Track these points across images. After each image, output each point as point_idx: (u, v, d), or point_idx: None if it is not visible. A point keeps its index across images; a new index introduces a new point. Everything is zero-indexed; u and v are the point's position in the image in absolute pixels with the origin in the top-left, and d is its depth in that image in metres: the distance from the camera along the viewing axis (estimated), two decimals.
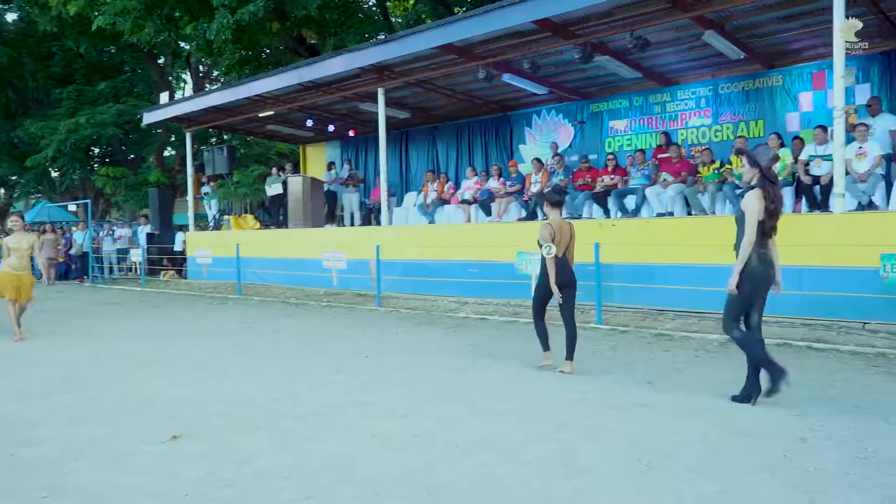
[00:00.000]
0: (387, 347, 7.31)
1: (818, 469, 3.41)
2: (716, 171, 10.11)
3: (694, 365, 6.06)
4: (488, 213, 12.63)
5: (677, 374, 5.54)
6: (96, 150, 28.20)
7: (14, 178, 31.46)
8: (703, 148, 10.74)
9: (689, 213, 9.98)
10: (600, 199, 11.15)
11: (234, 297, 12.99)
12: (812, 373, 5.64)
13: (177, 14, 14.97)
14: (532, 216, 11.85)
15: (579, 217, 11.09)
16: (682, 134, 12.00)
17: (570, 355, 5.81)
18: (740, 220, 4.61)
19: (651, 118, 12.43)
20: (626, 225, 9.60)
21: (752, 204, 4.46)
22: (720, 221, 8.18)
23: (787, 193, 9.26)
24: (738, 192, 8.80)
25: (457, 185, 13.89)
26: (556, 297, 5.73)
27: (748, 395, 4.59)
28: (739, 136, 10.43)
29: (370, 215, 15.43)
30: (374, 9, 17.83)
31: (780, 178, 9.15)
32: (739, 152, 7.62)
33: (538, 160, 12.36)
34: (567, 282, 5.76)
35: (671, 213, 10.11)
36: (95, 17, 14.95)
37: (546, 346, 6.04)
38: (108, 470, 3.65)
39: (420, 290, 11.17)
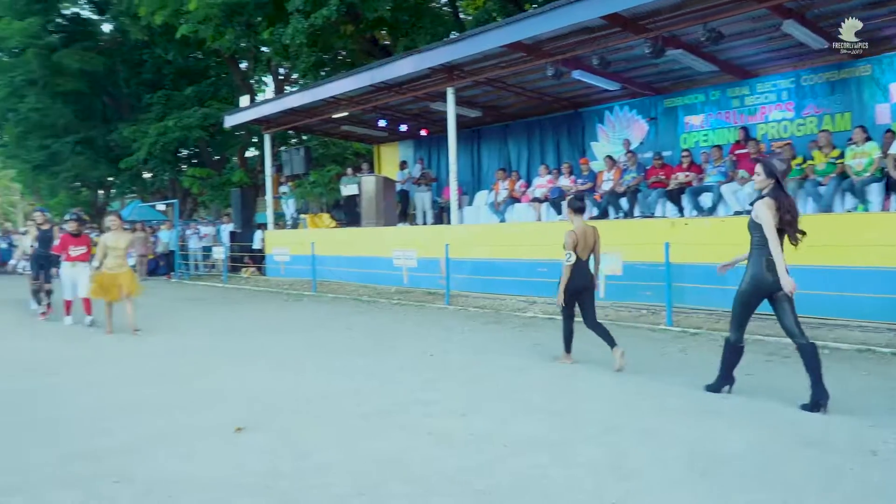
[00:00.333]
0: (452, 346, 7.39)
1: (886, 484, 3.25)
2: (797, 168, 9.69)
3: (765, 370, 5.86)
4: (559, 211, 12.52)
5: (747, 379, 5.35)
6: (184, 152, 29.58)
7: (111, 179, 33.44)
8: (785, 143, 10.32)
9: None
10: (674, 197, 10.88)
11: (309, 294, 13.38)
12: (895, 380, 5.34)
13: (256, 20, 15.53)
14: (603, 215, 11.69)
15: (651, 216, 10.86)
16: (761, 129, 11.54)
17: (611, 344, 5.93)
18: (752, 227, 4.72)
19: (728, 112, 12.01)
20: (700, 224, 9.33)
21: (764, 214, 4.60)
22: (801, 221, 7.86)
23: (876, 190, 8.79)
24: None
25: (528, 183, 13.81)
26: (559, 301, 6.03)
27: (817, 402, 4.41)
28: (823, 131, 9.94)
29: (442, 214, 15.57)
30: (444, 8, 17.93)
31: (867, 174, 8.74)
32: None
33: (610, 157, 12.16)
34: (584, 286, 6.02)
35: (749, 212, 9.73)
36: (180, 26, 15.73)
37: (568, 349, 6.27)
38: (178, 460, 3.86)
39: (489, 289, 11.19)
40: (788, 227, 4.58)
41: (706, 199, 10.38)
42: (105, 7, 25.10)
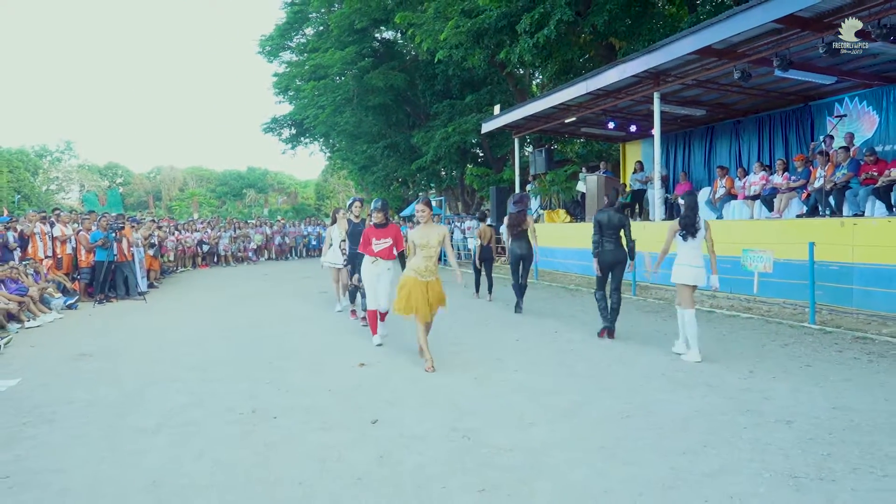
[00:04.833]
0: (575, 327, 8.53)
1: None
2: None
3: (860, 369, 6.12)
4: (771, 208, 12.44)
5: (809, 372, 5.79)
6: (476, 151, 33.21)
7: (417, 176, 38.92)
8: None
9: None
10: (883, 195, 10.31)
11: (531, 280, 15.07)
12: None
13: (499, 41, 17.59)
14: (813, 212, 11.42)
15: (861, 214, 10.41)
16: None
17: (489, 292, 12.05)
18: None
19: None
20: (870, 224, 8.94)
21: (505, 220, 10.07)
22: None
23: None
24: None
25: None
26: (477, 263, 12.32)
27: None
28: None
29: (672, 210, 16.02)
30: (674, 8, 18.03)
31: None
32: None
33: (824, 153, 11.73)
34: (485, 258, 11.98)
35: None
36: (438, 52, 18.56)
37: (477, 290, 12.42)
38: (312, 375, 6.05)
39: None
40: (511, 227, 9.84)
41: None
42: (403, 32, 29.49)
